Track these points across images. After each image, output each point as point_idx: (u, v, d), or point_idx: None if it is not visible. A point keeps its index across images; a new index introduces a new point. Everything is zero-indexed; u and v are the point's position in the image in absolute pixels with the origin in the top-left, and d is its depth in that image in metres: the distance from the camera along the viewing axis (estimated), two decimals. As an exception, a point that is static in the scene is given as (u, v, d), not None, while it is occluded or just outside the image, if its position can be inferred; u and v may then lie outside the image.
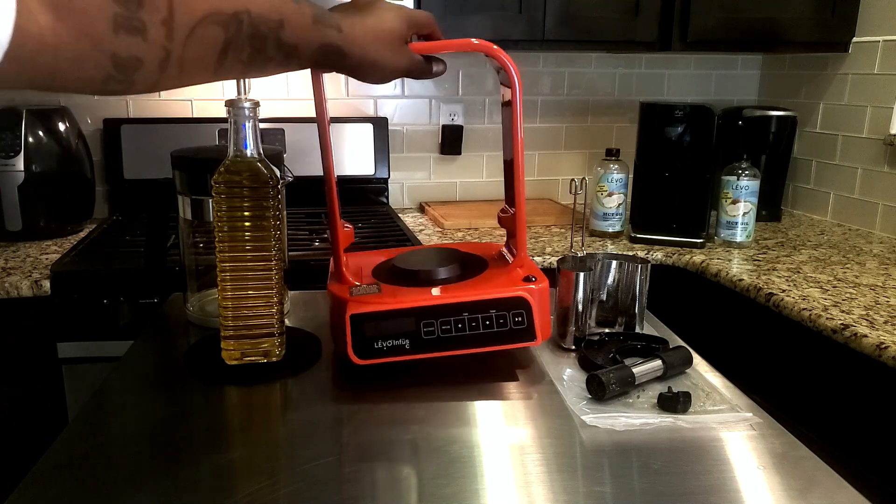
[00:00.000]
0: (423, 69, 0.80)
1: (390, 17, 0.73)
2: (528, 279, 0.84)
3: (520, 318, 0.81)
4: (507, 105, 0.87)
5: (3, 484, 1.44)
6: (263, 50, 0.60)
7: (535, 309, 0.81)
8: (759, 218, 1.85)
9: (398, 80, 2.09)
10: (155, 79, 0.52)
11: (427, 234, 1.83)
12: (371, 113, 2.10)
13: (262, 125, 0.85)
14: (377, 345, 0.79)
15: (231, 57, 0.57)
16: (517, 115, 0.83)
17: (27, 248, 1.63)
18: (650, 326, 1.01)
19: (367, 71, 0.72)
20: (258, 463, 0.66)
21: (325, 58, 0.68)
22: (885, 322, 1.21)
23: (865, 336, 1.16)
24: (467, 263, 0.91)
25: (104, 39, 0.47)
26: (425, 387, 0.81)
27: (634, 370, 0.81)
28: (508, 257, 0.91)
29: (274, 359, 0.84)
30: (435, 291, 0.83)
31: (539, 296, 0.82)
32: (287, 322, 0.91)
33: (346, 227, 0.89)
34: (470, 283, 0.85)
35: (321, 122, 0.82)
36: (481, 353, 0.81)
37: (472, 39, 0.82)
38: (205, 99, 1.98)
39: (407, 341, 0.79)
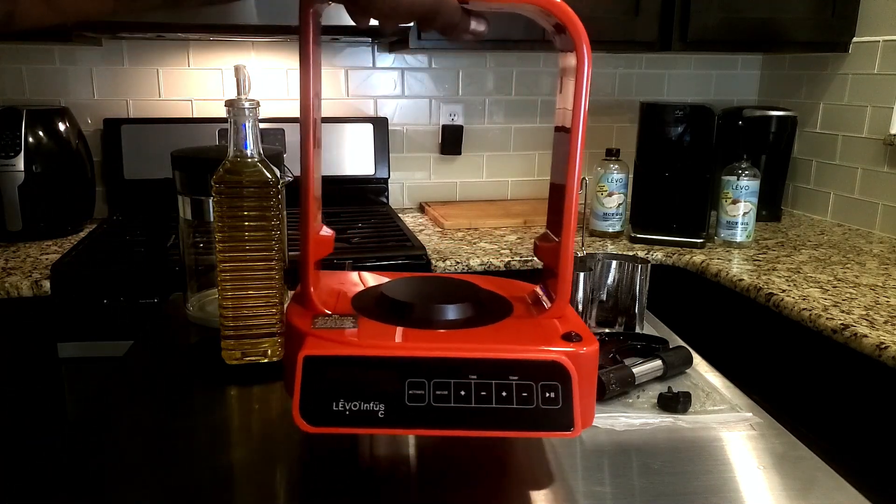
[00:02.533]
0: (455, 18, 0.55)
1: None
2: (568, 337, 0.59)
3: (552, 395, 0.56)
4: (567, 78, 0.63)
5: (3, 484, 1.44)
6: None
7: (575, 383, 0.56)
8: (759, 218, 1.85)
9: (398, 79, 2.09)
10: (4, 8, 0.37)
11: (427, 234, 1.83)
12: (371, 113, 2.10)
13: (262, 125, 0.85)
14: (337, 406, 0.55)
15: None
16: (582, 96, 0.59)
17: (27, 248, 1.63)
18: (650, 326, 1.01)
19: None
20: (258, 463, 0.66)
21: None
22: (885, 322, 1.21)
23: (865, 336, 1.16)
24: (484, 303, 0.66)
25: None
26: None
27: (634, 370, 0.81)
28: (545, 302, 0.67)
29: (274, 359, 0.84)
30: (433, 337, 0.59)
31: (584, 364, 0.58)
32: (287, 322, 0.91)
33: (325, 232, 0.66)
34: (484, 332, 0.61)
35: (304, 76, 0.59)
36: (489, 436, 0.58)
37: None
38: (205, 99, 1.98)
39: (382, 406, 0.55)
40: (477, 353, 0.57)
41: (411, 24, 0.53)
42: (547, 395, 0.56)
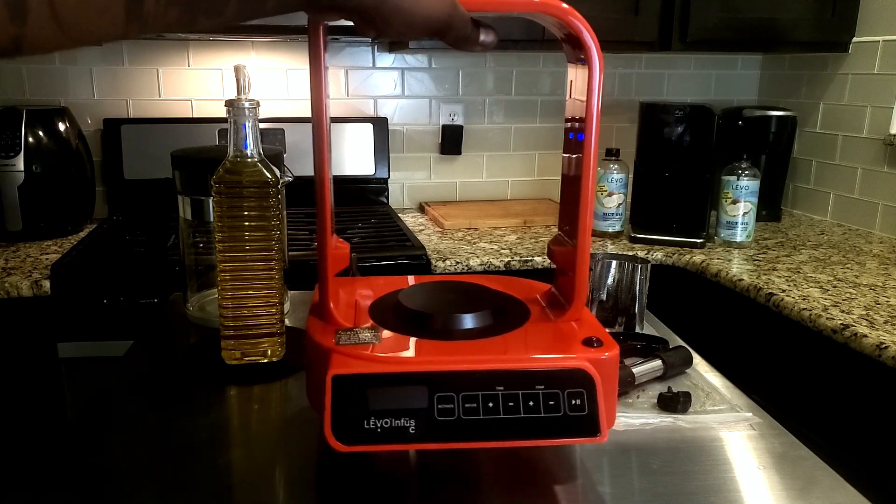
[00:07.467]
0: (467, 30, 0.56)
1: None
2: (589, 342, 0.60)
3: (577, 402, 0.57)
4: (578, 87, 0.64)
5: (3, 484, 1.44)
6: None
7: (599, 388, 0.57)
8: (759, 218, 1.85)
9: (398, 78, 2.09)
10: (11, 32, 0.32)
11: (427, 233, 1.83)
12: (371, 113, 2.10)
13: (262, 125, 0.85)
14: (368, 424, 0.55)
15: None
16: (594, 106, 0.61)
17: (27, 248, 1.63)
18: (650, 326, 1.01)
19: (390, 15, 0.48)
20: (258, 463, 0.66)
21: None
22: (885, 322, 1.21)
23: (865, 336, 1.16)
24: (502, 309, 0.67)
25: None
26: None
27: (634, 370, 0.81)
28: (560, 304, 0.68)
29: (274, 359, 0.84)
30: (458, 349, 0.60)
31: (607, 369, 0.59)
32: (287, 322, 0.91)
33: (340, 245, 0.65)
34: (507, 341, 0.61)
35: (316, 97, 0.60)
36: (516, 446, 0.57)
37: None
38: (205, 99, 1.98)
39: (413, 422, 0.55)
40: (503, 364, 0.57)
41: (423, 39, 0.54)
42: (573, 402, 0.57)
